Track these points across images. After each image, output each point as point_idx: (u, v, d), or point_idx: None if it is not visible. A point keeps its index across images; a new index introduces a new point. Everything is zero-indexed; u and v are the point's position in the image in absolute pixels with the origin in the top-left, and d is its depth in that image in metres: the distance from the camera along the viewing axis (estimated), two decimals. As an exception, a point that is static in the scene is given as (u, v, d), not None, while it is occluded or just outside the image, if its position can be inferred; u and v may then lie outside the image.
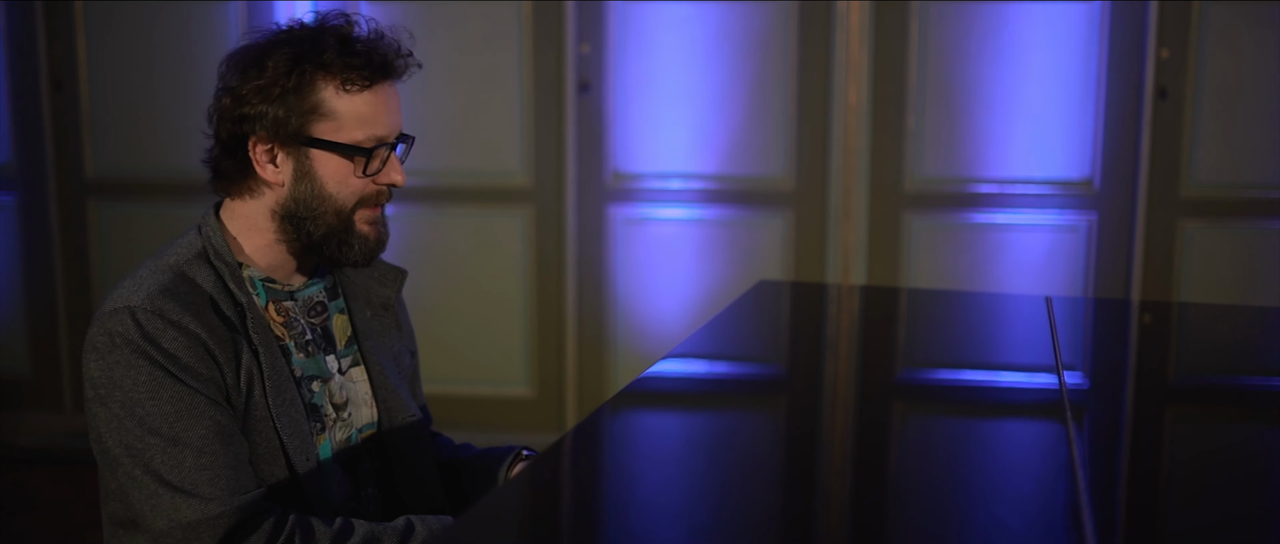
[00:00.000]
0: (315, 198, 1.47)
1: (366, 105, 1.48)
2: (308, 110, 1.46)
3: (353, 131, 1.47)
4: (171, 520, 1.31)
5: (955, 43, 3.80)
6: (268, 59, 1.48)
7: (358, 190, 1.50)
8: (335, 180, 1.47)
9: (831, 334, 2.12)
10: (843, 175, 3.89)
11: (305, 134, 1.46)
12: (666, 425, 1.49)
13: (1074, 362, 1.79)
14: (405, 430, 1.61)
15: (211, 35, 4.00)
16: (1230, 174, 3.81)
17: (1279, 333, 2.20)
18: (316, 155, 1.47)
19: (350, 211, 1.50)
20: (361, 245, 1.51)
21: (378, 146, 1.49)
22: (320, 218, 1.48)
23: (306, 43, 1.49)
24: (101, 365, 1.37)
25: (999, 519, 1.05)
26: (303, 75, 1.46)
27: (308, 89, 1.46)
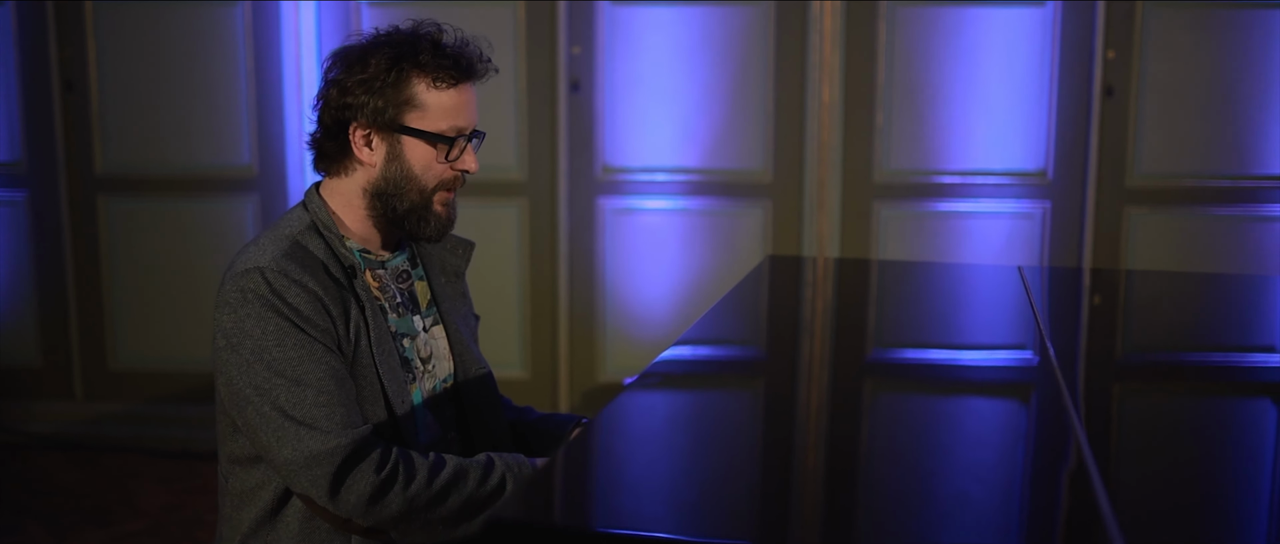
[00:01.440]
0: (403, 178, 1.70)
1: (452, 100, 1.71)
2: (402, 102, 1.69)
3: (439, 122, 1.70)
4: (296, 450, 1.54)
5: (920, 45, 4.10)
6: (371, 57, 1.72)
7: (438, 175, 1.73)
8: (421, 164, 1.71)
9: (847, 301, 2.37)
10: (817, 168, 4.16)
11: (399, 122, 1.69)
12: (658, 403, 1.66)
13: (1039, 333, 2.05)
14: (477, 382, 1.85)
15: (218, 36, 4.18)
16: (1172, 165, 4.13)
17: (1217, 296, 2.50)
18: (407, 141, 1.70)
19: (431, 193, 1.73)
20: (436, 223, 1.74)
21: (458, 137, 1.73)
22: (405, 195, 1.71)
23: (405, 45, 1.72)
24: (233, 318, 1.59)
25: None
26: (401, 72, 1.70)
27: (404, 84, 1.69)
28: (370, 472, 1.55)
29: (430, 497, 1.56)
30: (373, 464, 1.56)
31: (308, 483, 1.53)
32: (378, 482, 1.54)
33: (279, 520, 1.65)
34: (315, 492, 1.53)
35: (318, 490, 1.53)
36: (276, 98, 4.20)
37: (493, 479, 1.61)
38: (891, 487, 1.13)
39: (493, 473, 1.63)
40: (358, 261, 1.73)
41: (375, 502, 1.53)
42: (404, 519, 1.55)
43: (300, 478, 1.53)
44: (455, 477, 1.59)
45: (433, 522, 1.57)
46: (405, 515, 1.55)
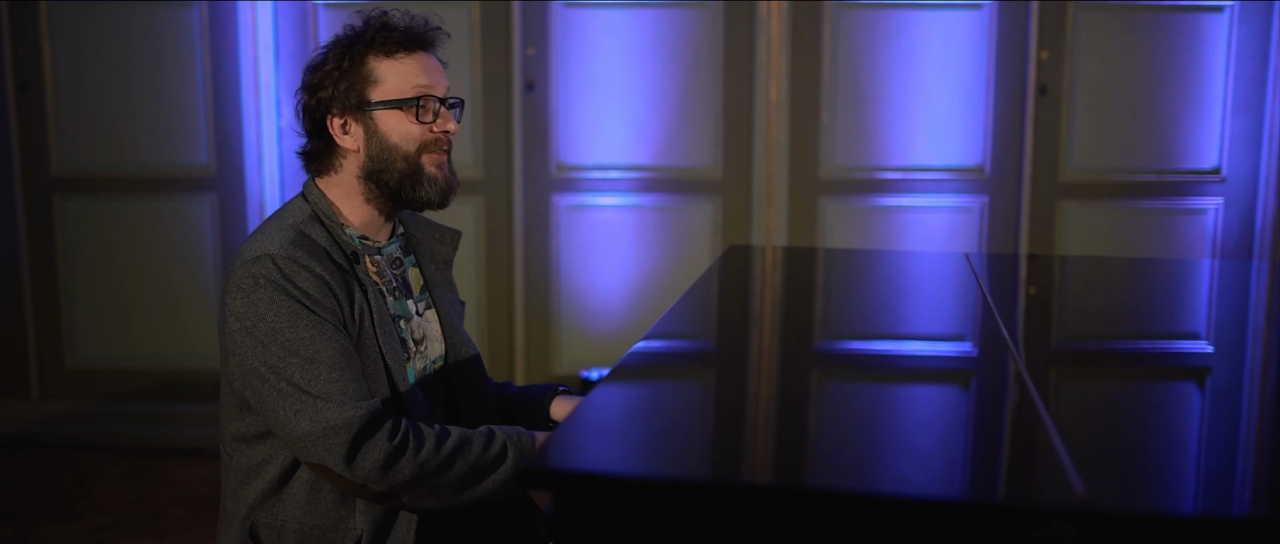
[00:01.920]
0: (385, 150, 1.80)
1: (407, 67, 1.81)
2: (362, 80, 1.79)
3: (400, 88, 1.80)
4: (314, 423, 1.63)
5: (863, 46, 4.25)
6: (328, 54, 1.82)
7: (417, 137, 1.81)
8: (397, 132, 1.80)
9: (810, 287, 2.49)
10: (765, 165, 4.30)
11: (365, 99, 1.79)
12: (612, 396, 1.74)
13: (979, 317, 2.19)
14: (466, 362, 1.95)
15: (174, 37, 4.23)
16: (1102, 161, 4.33)
17: (1146, 283, 2.65)
18: (378, 116, 1.79)
19: (416, 156, 1.82)
20: (432, 185, 1.83)
21: (424, 97, 1.82)
22: (393, 166, 1.80)
23: (355, 34, 1.83)
24: (246, 302, 1.68)
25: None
26: (355, 56, 1.80)
27: (360, 65, 1.79)
28: (383, 440, 1.64)
29: (439, 463, 1.66)
30: (386, 433, 1.65)
31: (324, 452, 1.62)
32: (390, 449, 1.63)
33: (285, 492, 1.74)
34: (332, 460, 1.62)
35: (334, 459, 1.62)
36: (234, 98, 4.25)
37: (494, 447, 1.71)
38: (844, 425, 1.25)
39: (494, 442, 1.73)
40: (359, 248, 1.82)
41: (388, 468, 1.63)
42: (415, 484, 1.65)
43: (317, 448, 1.62)
44: (461, 444, 1.69)
45: (441, 486, 1.67)
46: (416, 481, 1.65)
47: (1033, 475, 1.12)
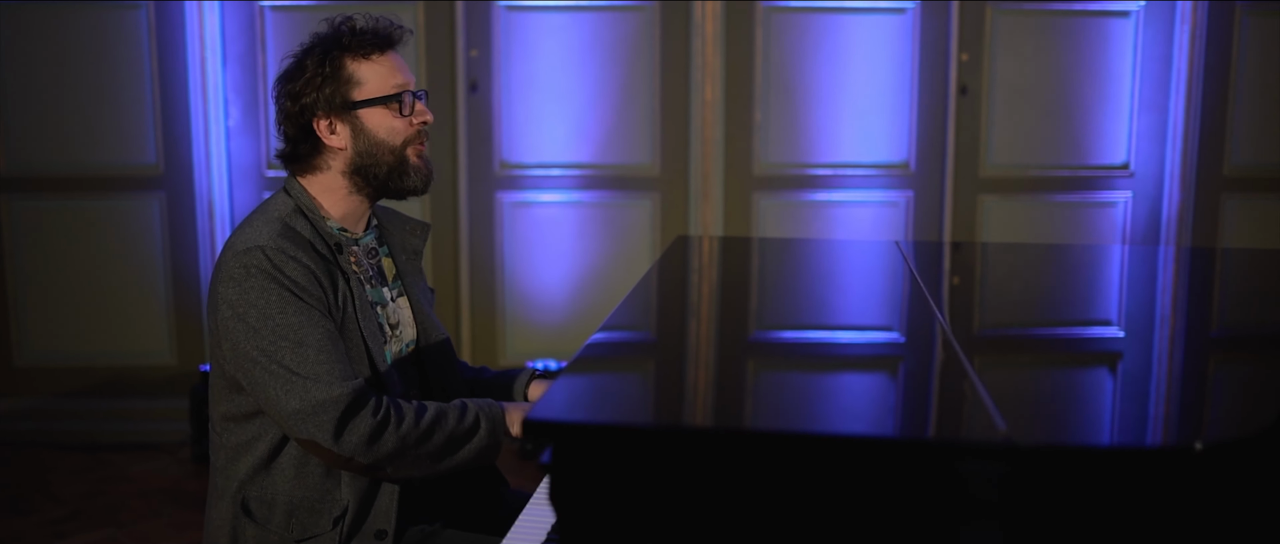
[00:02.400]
0: (373, 145, 1.93)
1: (383, 66, 1.94)
2: (344, 82, 1.92)
3: (380, 86, 1.93)
4: (304, 401, 1.76)
5: (794, 48, 4.45)
6: (305, 62, 1.94)
7: (401, 131, 1.95)
8: (383, 128, 1.94)
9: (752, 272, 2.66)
10: (701, 162, 4.48)
11: (349, 100, 1.92)
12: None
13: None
14: (437, 346, 2.10)
15: (122, 37, 4.29)
16: (1019, 156, 4.58)
17: (1062, 271, 2.87)
18: (363, 114, 1.93)
19: (402, 150, 1.96)
20: (416, 174, 1.98)
21: (402, 94, 1.96)
22: (381, 160, 1.94)
23: (328, 40, 1.95)
24: (238, 290, 1.80)
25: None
26: (333, 61, 1.93)
27: (339, 69, 1.92)
28: (368, 416, 1.78)
29: (418, 434, 1.80)
30: (369, 410, 1.79)
31: (314, 428, 1.75)
32: (375, 424, 1.77)
33: (274, 467, 1.87)
34: (320, 436, 1.75)
35: (323, 434, 1.75)
36: (182, 98, 4.32)
37: (468, 419, 1.86)
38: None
39: (468, 414, 1.88)
40: (343, 239, 1.95)
41: (373, 441, 1.77)
42: (397, 456, 1.79)
43: (307, 424, 1.75)
44: (438, 417, 1.84)
45: (421, 457, 1.81)
46: (399, 452, 1.79)
47: (960, 420, 1.30)
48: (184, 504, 3.85)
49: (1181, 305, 2.35)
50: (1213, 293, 2.48)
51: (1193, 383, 1.59)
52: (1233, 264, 2.92)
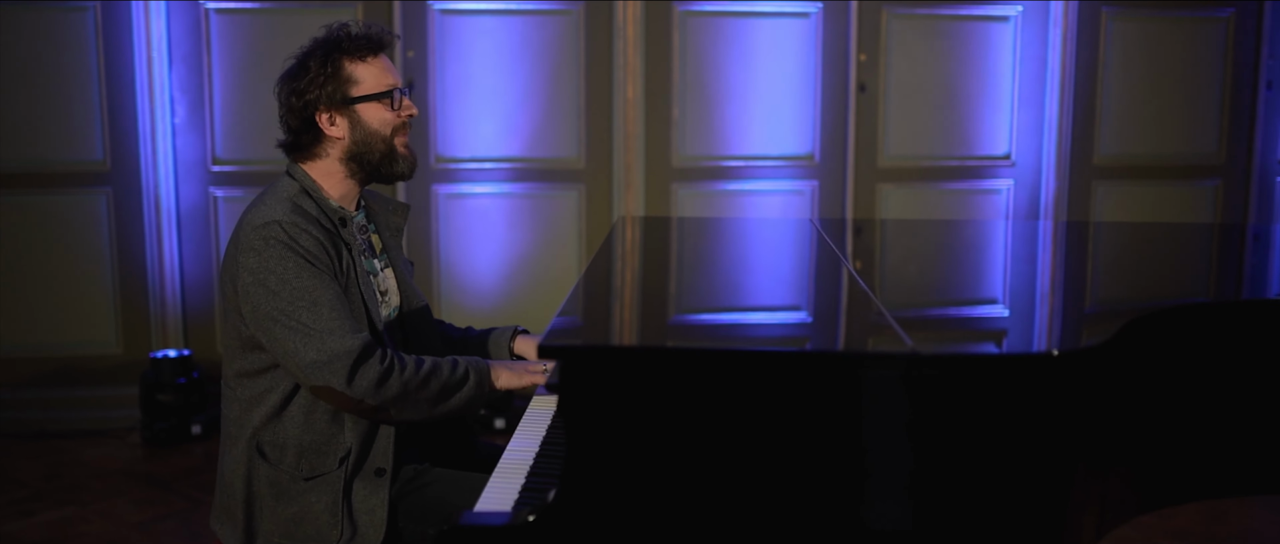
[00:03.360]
0: (368, 136, 2.22)
1: (377, 67, 2.24)
2: (344, 81, 2.21)
3: (375, 85, 2.22)
4: (321, 351, 2.03)
5: (708, 49, 4.81)
6: (309, 63, 2.22)
7: (391, 123, 2.24)
8: (377, 120, 2.23)
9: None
10: (624, 155, 4.82)
11: (348, 97, 2.21)
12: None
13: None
14: (418, 312, 2.39)
15: (69, 38, 4.46)
16: (913, 148, 5.01)
17: (951, 252, 3.26)
18: (360, 109, 2.21)
19: (391, 139, 2.25)
20: (403, 161, 2.27)
21: (393, 91, 2.25)
22: (374, 148, 2.22)
23: (329, 44, 2.24)
24: (259, 259, 2.07)
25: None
26: (334, 62, 2.21)
27: (339, 69, 2.21)
28: (376, 364, 2.06)
29: (419, 381, 2.10)
30: (377, 359, 2.07)
31: (329, 375, 2.03)
32: (382, 371, 2.06)
33: (285, 415, 2.15)
34: (336, 381, 2.03)
35: (338, 380, 2.03)
36: (129, 97, 4.51)
37: (459, 370, 2.16)
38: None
39: (459, 366, 2.18)
40: (346, 215, 2.24)
41: (381, 385, 2.06)
42: (400, 399, 2.08)
43: (323, 372, 2.03)
44: (434, 368, 2.13)
45: (420, 401, 2.10)
46: (401, 396, 2.08)
47: (867, 340, 1.66)
48: (142, 483, 4.06)
49: (1059, 282, 2.74)
50: (1087, 268, 2.87)
51: (1058, 329, 1.98)
52: (1102, 237, 3.35)
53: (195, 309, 4.69)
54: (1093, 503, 1.69)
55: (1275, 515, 3.84)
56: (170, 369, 4.43)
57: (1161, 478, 1.86)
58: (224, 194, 4.65)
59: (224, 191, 4.65)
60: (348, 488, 2.16)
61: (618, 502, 1.48)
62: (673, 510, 1.48)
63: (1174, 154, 5.15)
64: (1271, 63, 5.10)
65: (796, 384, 1.48)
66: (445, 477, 2.24)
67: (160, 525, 3.68)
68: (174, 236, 4.61)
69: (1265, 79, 5.10)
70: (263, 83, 4.58)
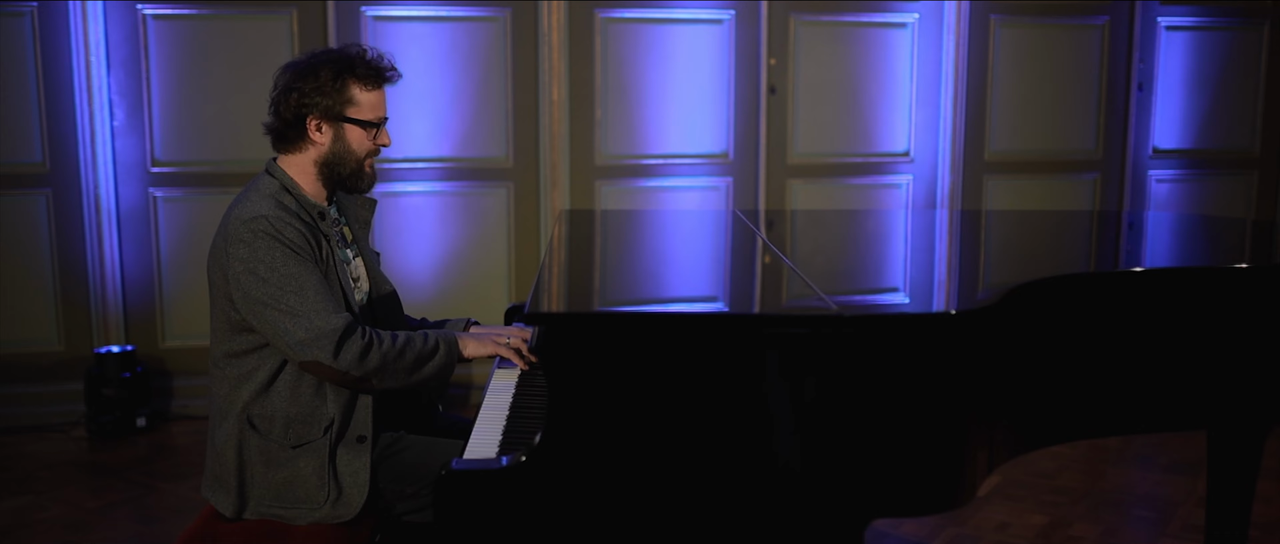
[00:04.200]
0: (344, 152, 2.45)
1: (376, 98, 2.47)
2: (345, 100, 2.43)
3: (368, 114, 2.46)
4: (308, 330, 2.25)
5: (628, 54, 5.10)
6: (320, 70, 2.44)
7: (366, 148, 2.48)
8: (356, 143, 2.46)
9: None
10: (550, 154, 5.08)
11: (342, 114, 2.43)
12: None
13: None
14: (386, 297, 2.62)
15: (6, 42, 4.57)
16: (820, 146, 5.36)
17: (856, 241, 3.59)
18: (347, 127, 2.44)
19: (362, 160, 2.48)
20: (367, 180, 2.50)
21: (380, 123, 2.49)
22: (346, 164, 2.45)
23: (343, 61, 2.46)
24: (249, 250, 2.29)
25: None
26: (343, 80, 2.44)
27: (345, 88, 2.44)
28: (358, 339, 2.30)
29: (396, 352, 2.34)
30: (358, 334, 2.31)
31: (317, 351, 2.26)
32: (363, 345, 2.30)
33: (272, 391, 2.37)
34: (323, 356, 2.26)
35: (325, 355, 2.26)
36: (67, 99, 4.64)
37: (430, 342, 2.41)
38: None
39: (429, 339, 2.42)
40: (324, 209, 2.47)
41: (363, 357, 2.29)
42: (380, 370, 2.32)
43: (311, 349, 2.26)
44: (408, 340, 2.37)
45: (398, 370, 2.34)
46: (381, 367, 2.31)
47: (809, 306, 1.96)
48: (93, 473, 4.21)
49: (955, 268, 3.08)
50: (980, 255, 3.22)
51: (955, 298, 2.31)
52: (994, 224, 3.71)
53: (136, 307, 4.83)
54: (984, 444, 2.01)
55: (1147, 473, 4.26)
56: (115, 364, 4.57)
57: (1039, 422, 2.20)
58: (164, 194, 4.80)
59: (164, 192, 4.80)
60: (332, 454, 2.39)
61: (593, 441, 1.76)
62: (638, 447, 1.76)
63: (1056, 150, 5.59)
64: (1142, 66, 5.57)
65: (734, 345, 1.77)
66: (418, 443, 2.49)
67: (117, 511, 3.84)
68: (114, 236, 4.75)
69: (1136, 81, 5.58)
70: (201, 86, 4.75)
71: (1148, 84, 5.61)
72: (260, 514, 2.39)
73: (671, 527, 1.77)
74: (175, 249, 4.83)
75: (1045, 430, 2.22)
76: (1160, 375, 2.34)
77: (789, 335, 1.77)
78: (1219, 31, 5.68)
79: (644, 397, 1.75)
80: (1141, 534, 3.66)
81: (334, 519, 2.37)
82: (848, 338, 1.78)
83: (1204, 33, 5.66)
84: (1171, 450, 4.46)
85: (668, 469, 1.75)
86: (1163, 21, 5.60)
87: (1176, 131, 5.72)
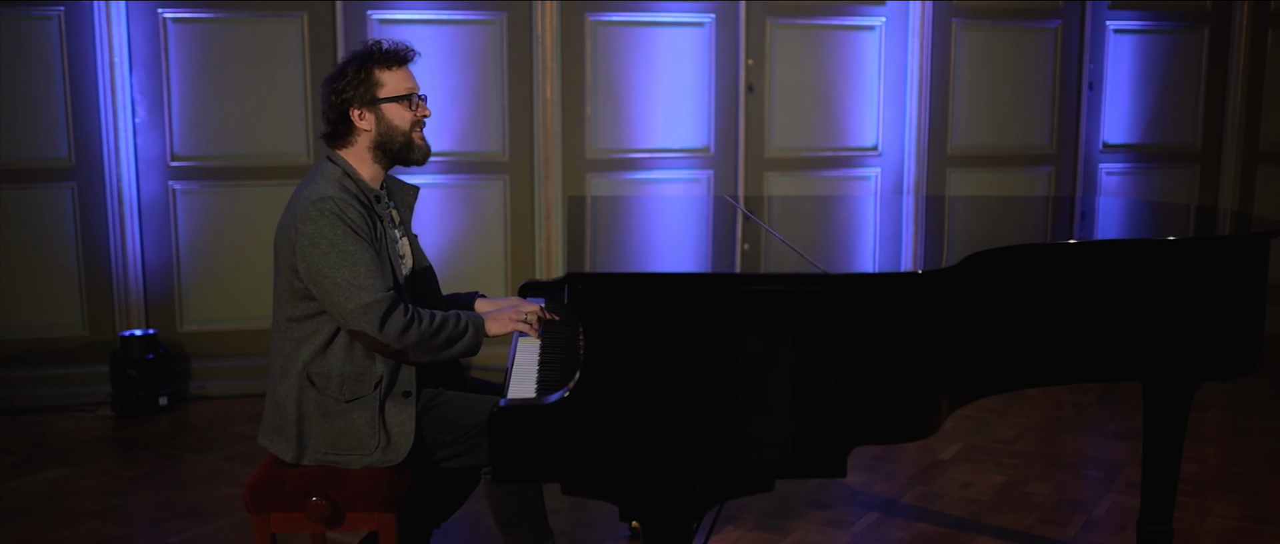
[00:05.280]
0: (390, 129, 2.78)
1: (399, 75, 2.80)
2: (373, 84, 2.77)
3: (396, 89, 2.78)
4: (358, 302, 2.58)
5: (617, 55, 5.45)
6: (347, 70, 2.78)
7: (408, 120, 2.80)
8: (397, 117, 2.79)
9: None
10: (543, 149, 5.42)
11: (376, 97, 2.77)
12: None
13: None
14: (424, 271, 2.96)
15: (34, 44, 4.85)
16: (795, 141, 5.74)
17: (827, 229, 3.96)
18: (384, 108, 2.77)
19: (409, 132, 2.81)
20: (419, 151, 2.82)
21: (411, 95, 2.82)
22: (395, 139, 2.78)
23: (364, 56, 2.79)
24: (315, 227, 2.61)
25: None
26: (367, 70, 2.77)
27: (370, 75, 2.77)
28: (400, 315, 2.63)
29: (432, 331, 2.67)
30: (401, 311, 2.64)
31: (365, 322, 2.59)
32: (405, 320, 2.63)
33: (329, 351, 2.69)
34: (369, 327, 2.59)
35: (371, 326, 2.59)
36: (92, 98, 4.94)
37: (462, 323, 2.74)
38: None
39: (461, 319, 2.75)
40: (380, 193, 2.80)
41: (405, 331, 2.62)
42: (418, 344, 2.65)
43: (360, 319, 2.60)
44: (443, 319, 2.71)
45: (433, 346, 2.67)
46: (418, 342, 2.65)
47: (805, 269, 2.33)
48: (122, 447, 4.51)
49: (921, 243, 3.45)
50: (944, 232, 3.59)
51: (921, 262, 2.69)
52: (956, 210, 4.09)
53: (156, 293, 5.14)
54: (945, 389, 2.39)
55: (1097, 439, 4.67)
56: (139, 346, 4.87)
57: (993, 370, 2.58)
58: (182, 187, 5.11)
59: (182, 184, 5.11)
60: (382, 407, 2.73)
61: (623, 379, 2.11)
62: (660, 386, 2.12)
63: (1014, 144, 6.00)
64: (1092, 67, 6.00)
65: (741, 300, 2.13)
66: (455, 397, 2.83)
67: (150, 479, 4.15)
68: (136, 226, 5.05)
69: (1087, 80, 6.00)
70: (217, 86, 5.07)
71: (1098, 83, 6.03)
72: (317, 460, 2.73)
73: (686, 448, 2.13)
74: (193, 238, 5.14)
75: (998, 377, 2.60)
76: (1099, 333, 2.73)
77: (788, 292, 2.13)
78: (1163, 34, 6.12)
79: (666, 343, 2.11)
80: (1089, 491, 4.06)
81: (383, 464, 2.71)
82: (834, 294, 2.14)
83: (1149, 36, 6.10)
84: (1120, 419, 4.87)
85: (685, 402, 2.11)
86: (1111, 25, 6.03)
87: (1124, 127, 6.15)
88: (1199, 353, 2.91)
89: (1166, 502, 3.25)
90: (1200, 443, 4.53)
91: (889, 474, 4.19)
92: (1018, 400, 5.11)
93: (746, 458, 2.14)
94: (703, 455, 2.13)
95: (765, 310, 2.12)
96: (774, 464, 2.15)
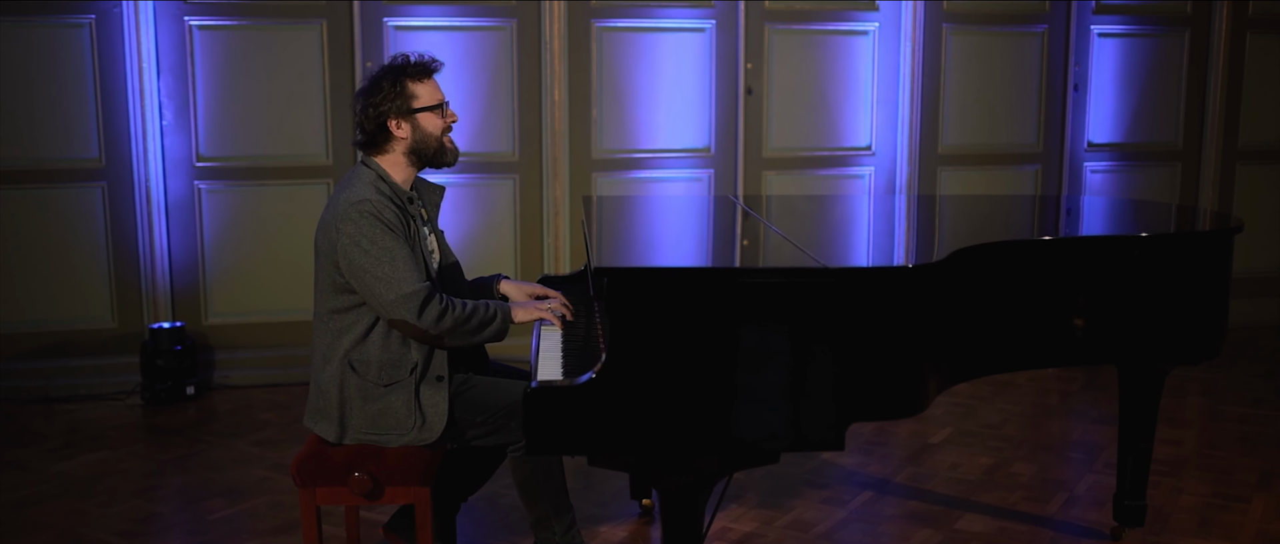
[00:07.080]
0: (425, 136, 3.01)
1: (429, 87, 3.03)
2: (408, 97, 3.00)
3: (429, 99, 3.02)
4: (398, 293, 2.81)
5: (621, 59, 5.69)
6: (382, 83, 3.01)
7: (439, 127, 3.04)
8: (429, 125, 3.02)
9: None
10: (551, 149, 5.66)
11: (410, 108, 3.00)
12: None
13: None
14: (452, 267, 3.20)
15: (66, 50, 5.07)
16: (792, 141, 5.98)
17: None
18: (418, 116, 3.00)
19: (440, 138, 3.05)
20: (451, 154, 3.06)
21: (442, 104, 3.06)
22: (428, 145, 3.01)
23: (396, 70, 3.03)
24: (355, 226, 2.84)
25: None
26: (401, 84, 3.00)
27: (404, 88, 3.00)
28: (436, 303, 2.86)
29: (465, 317, 2.91)
30: (437, 300, 2.87)
31: (404, 311, 2.83)
32: (441, 309, 2.87)
33: (368, 340, 2.93)
34: (408, 315, 2.83)
35: (410, 314, 2.83)
36: (121, 101, 5.17)
37: (490, 311, 2.98)
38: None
39: (490, 308, 2.99)
40: (412, 195, 3.04)
41: (441, 318, 2.86)
42: (452, 330, 2.88)
43: (399, 308, 2.83)
44: (474, 308, 2.95)
45: (465, 332, 2.90)
46: (453, 328, 2.88)
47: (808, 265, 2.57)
48: (155, 433, 4.75)
49: (913, 239, 3.70)
50: (934, 228, 3.84)
51: (912, 257, 2.94)
52: (946, 208, 4.34)
53: (182, 287, 5.37)
54: (934, 372, 2.64)
55: (1080, 423, 4.92)
56: (167, 338, 5.11)
57: (978, 357, 2.83)
58: (207, 186, 5.34)
59: (207, 184, 5.34)
60: (417, 391, 2.96)
61: (646, 362, 2.36)
62: (679, 367, 2.36)
63: (1002, 144, 6.25)
64: (1077, 69, 6.25)
65: (749, 292, 2.38)
66: (483, 382, 3.07)
67: (186, 461, 4.38)
68: (163, 224, 5.28)
69: (1072, 82, 6.25)
70: (241, 89, 5.30)
71: (1083, 84, 6.29)
72: (358, 439, 2.97)
73: (701, 423, 2.38)
74: (218, 235, 5.38)
75: (984, 361, 2.85)
76: (1076, 321, 2.98)
77: (791, 284, 2.38)
78: (1146, 38, 6.38)
79: (683, 330, 2.35)
80: (1071, 471, 4.31)
81: (418, 443, 2.96)
82: (832, 286, 2.39)
83: (1132, 39, 6.35)
84: (1102, 406, 5.12)
85: (700, 383, 2.36)
86: (1096, 29, 6.28)
87: (1108, 127, 6.41)
88: (1168, 339, 3.17)
89: (1140, 478, 3.50)
90: (1178, 426, 4.79)
91: (882, 456, 4.44)
92: (1005, 388, 5.37)
93: (755, 433, 2.39)
94: (716, 430, 2.38)
95: (771, 301, 2.36)
96: (779, 438, 2.40)
